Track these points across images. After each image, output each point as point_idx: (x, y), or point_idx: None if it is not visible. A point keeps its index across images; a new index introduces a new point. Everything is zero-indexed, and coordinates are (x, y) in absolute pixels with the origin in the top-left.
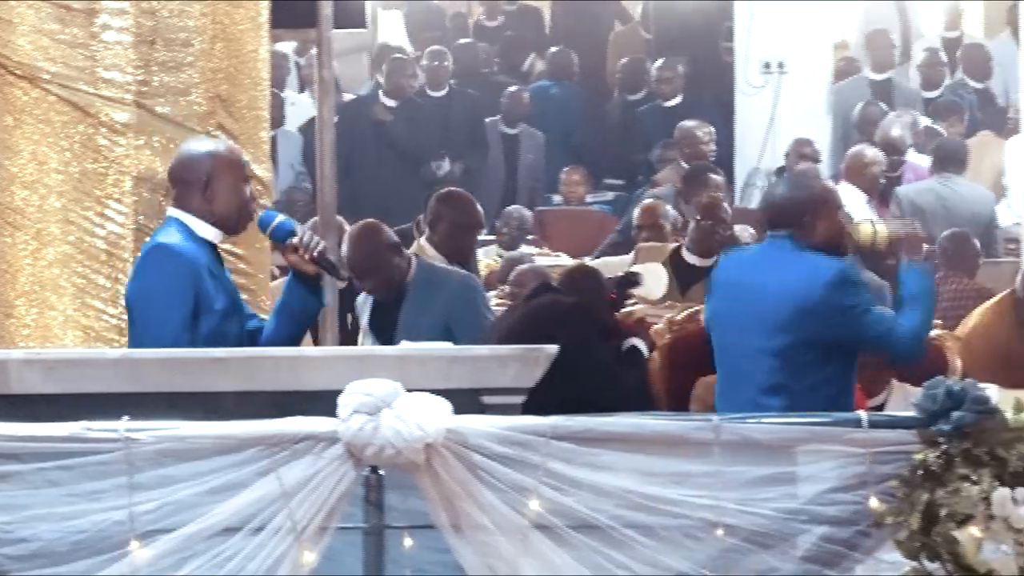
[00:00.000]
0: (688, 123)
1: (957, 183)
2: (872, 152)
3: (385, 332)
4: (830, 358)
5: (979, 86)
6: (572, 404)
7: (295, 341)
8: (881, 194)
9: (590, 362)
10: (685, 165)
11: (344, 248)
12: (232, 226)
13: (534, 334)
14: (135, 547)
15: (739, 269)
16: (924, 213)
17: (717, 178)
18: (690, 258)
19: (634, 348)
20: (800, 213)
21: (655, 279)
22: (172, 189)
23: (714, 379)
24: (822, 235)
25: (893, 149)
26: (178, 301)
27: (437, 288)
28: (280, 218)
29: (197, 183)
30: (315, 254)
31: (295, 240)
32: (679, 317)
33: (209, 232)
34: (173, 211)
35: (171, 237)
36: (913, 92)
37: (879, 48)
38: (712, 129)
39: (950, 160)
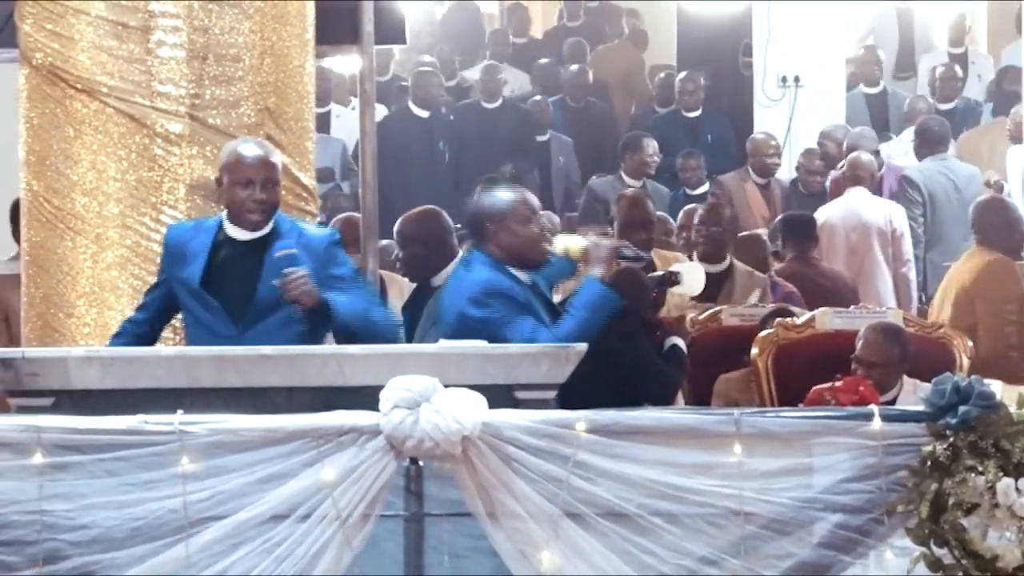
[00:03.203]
0: (759, 135)
1: (953, 164)
2: (866, 157)
3: (414, 321)
4: None
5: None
6: (619, 400)
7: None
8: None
9: (637, 361)
10: (752, 173)
11: (399, 222)
12: (240, 223)
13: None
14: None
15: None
16: (937, 197)
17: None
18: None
19: (675, 347)
20: (480, 225)
21: (693, 277)
22: None
23: (735, 374)
24: (506, 247)
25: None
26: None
27: None
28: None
29: (217, 181)
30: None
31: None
32: (701, 316)
33: (229, 227)
34: None
35: (185, 221)
36: (910, 103)
37: (867, 64)
38: (778, 142)
39: (935, 141)
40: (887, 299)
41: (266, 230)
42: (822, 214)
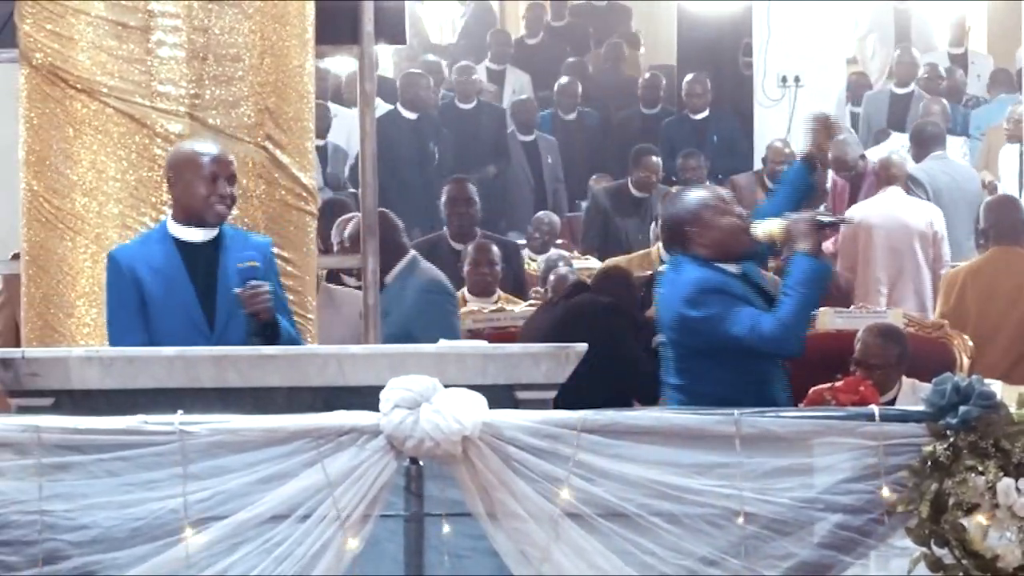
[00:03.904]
0: (776, 143)
1: (951, 163)
2: (897, 158)
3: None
4: (716, 362)
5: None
6: (608, 397)
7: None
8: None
9: (624, 358)
10: (766, 178)
11: (350, 225)
12: (196, 222)
13: (571, 331)
14: (189, 534)
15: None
16: (942, 195)
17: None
18: None
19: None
20: (680, 231)
21: None
22: None
23: None
24: (710, 244)
25: (843, 166)
26: (119, 308)
27: (409, 287)
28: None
29: (168, 182)
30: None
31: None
32: None
33: (180, 231)
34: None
35: (127, 243)
36: (924, 105)
37: (903, 64)
38: (792, 151)
39: (932, 141)
40: (926, 301)
41: (215, 233)
42: (858, 212)
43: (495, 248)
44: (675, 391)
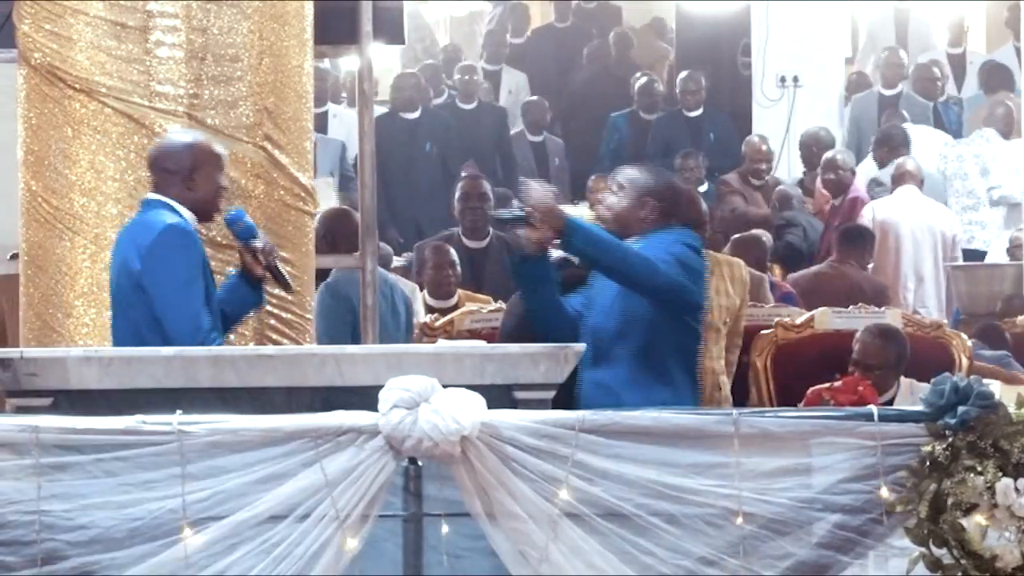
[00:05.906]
0: (753, 139)
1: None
2: (912, 162)
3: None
4: None
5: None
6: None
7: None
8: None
9: None
10: (750, 176)
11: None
12: (208, 214)
13: None
14: (187, 534)
15: None
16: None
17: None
18: None
19: None
20: None
21: None
22: (152, 176)
23: None
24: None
25: (833, 169)
26: (198, 280)
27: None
28: (248, 219)
29: (180, 172)
30: (270, 260)
31: (256, 243)
32: None
33: (194, 223)
34: (155, 196)
35: (175, 218)
36: (922, 105)
37: (889, 65)
38: (770, 147)
39: (900, 146)
40: (940, 301)
41: None
42: (880, 212)
43: (453, 250)
44: None
